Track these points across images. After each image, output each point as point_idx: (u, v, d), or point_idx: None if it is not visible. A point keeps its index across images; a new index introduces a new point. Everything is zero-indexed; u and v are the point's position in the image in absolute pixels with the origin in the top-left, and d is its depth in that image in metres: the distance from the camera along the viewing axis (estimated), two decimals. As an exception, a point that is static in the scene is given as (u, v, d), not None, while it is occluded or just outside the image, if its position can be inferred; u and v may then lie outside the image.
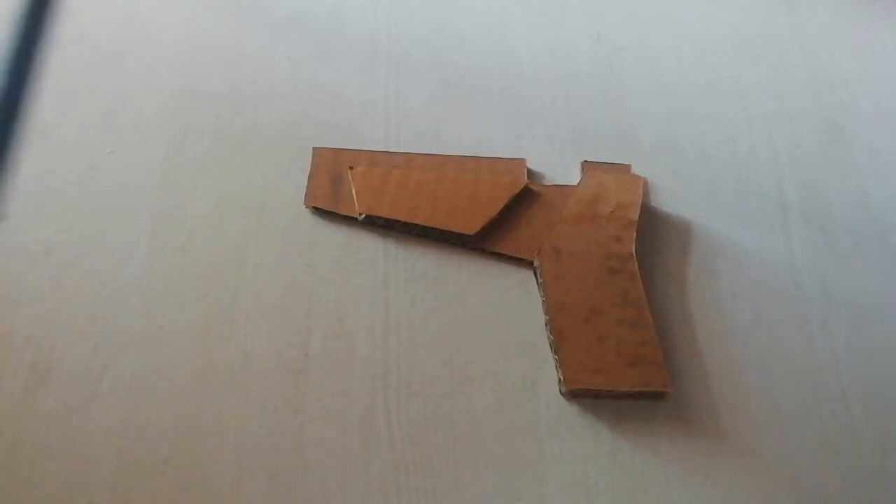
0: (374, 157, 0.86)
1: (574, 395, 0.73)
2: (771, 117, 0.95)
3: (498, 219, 0.82)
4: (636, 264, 0.79)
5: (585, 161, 0.88)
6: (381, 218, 0.81)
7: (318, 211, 0.83)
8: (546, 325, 0.76)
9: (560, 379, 0.73)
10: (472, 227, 0.80)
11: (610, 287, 0.77)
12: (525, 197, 0.84)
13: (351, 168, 0.84)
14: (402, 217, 0.81)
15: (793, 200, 0.88)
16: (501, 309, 0.78)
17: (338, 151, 0.86)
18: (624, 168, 0.88)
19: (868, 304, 0.82)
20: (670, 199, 0.87)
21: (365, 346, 0.75)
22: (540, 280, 0.78)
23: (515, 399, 0.73)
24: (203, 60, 0.93)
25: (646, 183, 0.87)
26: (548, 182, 0.87)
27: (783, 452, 0.72)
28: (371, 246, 0.81)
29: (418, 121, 0.91)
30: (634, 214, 0.83)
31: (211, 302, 0.77)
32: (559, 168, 0.88)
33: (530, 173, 0.87)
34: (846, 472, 0.71)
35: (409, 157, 0.87)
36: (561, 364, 0.73)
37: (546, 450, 0.71)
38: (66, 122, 0.88)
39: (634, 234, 0.81)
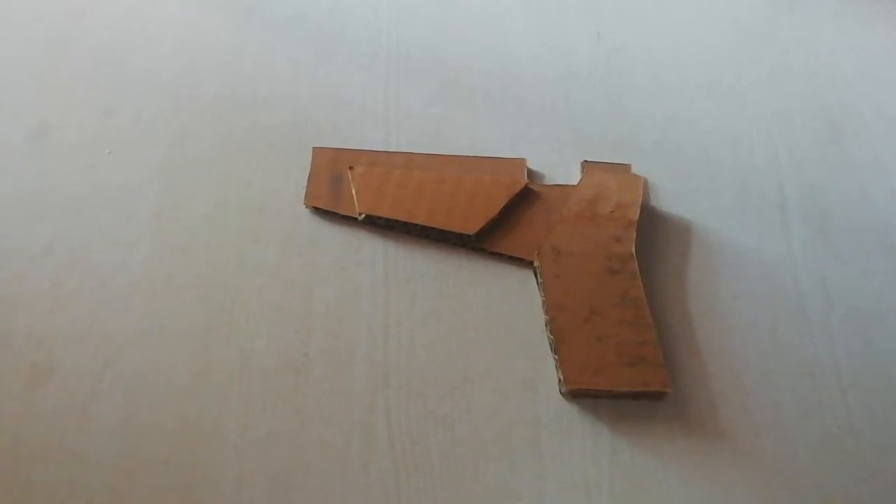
0: (374, 157, 0.86)
1: (574, 395, 0.73)
2: (771, 117, 0.95)
3: (498, 219, 0.82)
4: (636, 264, 0.79)
5: (585, 161, 0.88)
6: (381, 218, 0.81)
7: (318, 211, 0.83)
8: (546, 325, 0.76)
9: (560, 379, 0.73)
10: (472, 227, 0.80)
11: (610, 287, 0.77)
12: (525, 197, 0.84)
13: (351, 168, 0.84)
14: (402, 217, 0.81)
15: (793, 200, 0.88)
16: (501, 309, 0.78)
17: (338, 151, 0.86)
18: (624, 168, 0.88)
19: (868, 304, 0.82)
20: (670, 199, 0.87)
21: (365, 346, 0.75)
22: (540, 280, 0.78)
23: (515, 399, 0.73)
24: (203, 60, 0.93)
25: (646, 183, 0.87)
26: (548, 182, 0.87)
27: (783, 452, 0.72)
28: (371, 246, 0.81)
29: (418, 121, 0.91)
30: (634, 214, 0.83)
31: (211, 302, 0.77)
32: (559, 168, 0.88)
33: (530, 173, 0.87)
34: (846, 472, 0.71)
35: (409, 157, 0.87)
36: (561, 364, 0.73)
37: (546, 450, 0.71)
38: (66, 122, 0.88)
39: (634, 234, 0.81)
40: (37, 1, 0.97)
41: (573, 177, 0.87)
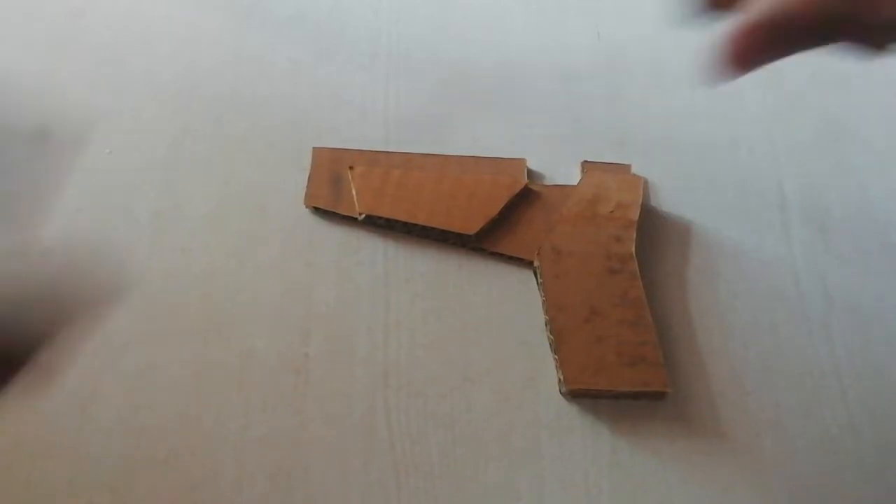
0: (374, 157, 0.86)
1: (574, 395, 0.73)
2: (771, 117, 0.95)
3: (498, 219, 0.82)
4: (636, 264, 0.79)
5: (585, 161, 0.88)
6: (381, 218, 0.81)
7: (318, 211, 0.83)
8: (546, 325, 0.76)
9: (560, 379, 0.73)
10: (472, 227, 0.80)
11: (610, 287, 0.77)
12: (525, 197, 0.84)
13: (351, 168, 0.84)
14: (402, 217, 0.81)
15: (793, 200, 0.88)
16: (501, 309, 0.78)
17: (338, 151, 0.86)
18: (624, 168, 0.88)
19: (868, 304, 0.82)
20: (670, 199, 0.87)
21: (365, 346, 0.75)
22: (540, 280, 0.78)
23: (515, 399, 0.73)
24: (203, 61, 0.93)
25: (646, 183, 0.87)
26: (548, 182, 0.87)
27: (783, 452, 0.72)
28: (371, 246, 0.81)
29: (418, 121, 0.91)
30: (634, 214, 0.83)
31: (211, 302, 0.77)
32: (559, 168, 0.88)
33: (530, 173, 0.87)
34: (846, 472, 0.71)
35: (409, 157, 0.86)
36: (561, 364, 0.73)
37: (546, 450, 0.71)
38: (66, 122, 0.87)
39: (634, 234, 0.81)
40: (37, 1, 0.97)
41: (573, 177, 0.87)
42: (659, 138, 0.92)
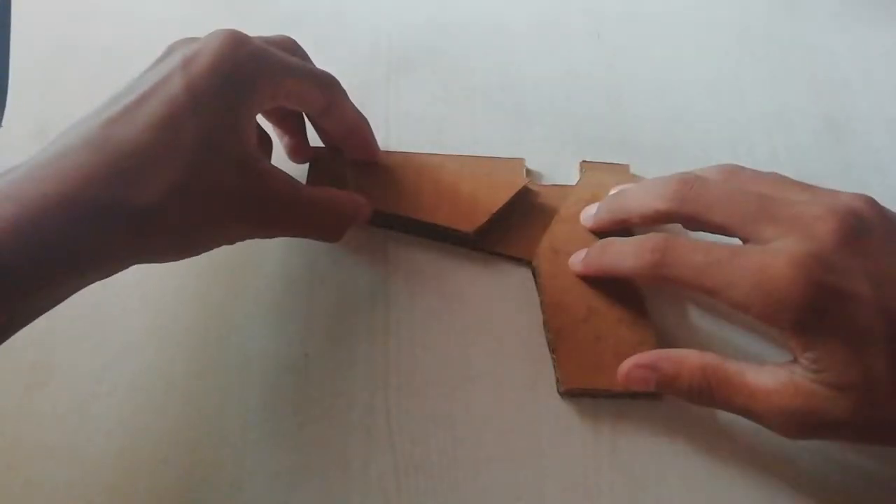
0: (374, 157, 0.86)
1: (572, 394, 0.73)
2: (771, 117, 0.95)
3: (497, 219, 0.81)
4: (636, 264, 0.79)
5: (584, 161, 0.88)
6: (380, 217, 0.81)
7: (318, 211, 0.83)
8: (544, 325, 0.76)
9: (558, 378, 0.73)
10: (471, 226, 0.80)
11: (608, 286, 0.77)
12: (524, 197, 0.84)
13: (350, 167, 0.84)
14: (400, 211, 0.80)
15: (793, 200, 0.88)
16: (501, 309, 0.78)
17: (338, 151, 0.86)
18: (623, 168, 0.88)
19: (868, 303, 0.81)
20: (670, 199, 0.87)
21: (365, 346, 0.75)
22: (538, 280, 0.78)
23: (515, 399, 0.73)
24: (203, 61, 0.93)
25: (645, 183, 0.87)
26: (547, 182, 0.87)
27: (783, 452, 0.72)
28: (371, 246, 0.82)
29: (418, 121, 0.91)
30: (634, 214, 0.82)
31: (211, 302, 0.77)
32: (558, 168, 0.88)
33: (529, 173, 0.87)
34: (846, 472, 0.71)
35: (408, 157, 0.86)
36: (559, 364, 0.73)
37: (546, 450, 0.71)
38: (66, 122, 0.87)
39: (633, 234, 0.81)
40: (38, 2, 0.97)
41: (572, 177, 0.87)
42: (659, 138, 0.92)
